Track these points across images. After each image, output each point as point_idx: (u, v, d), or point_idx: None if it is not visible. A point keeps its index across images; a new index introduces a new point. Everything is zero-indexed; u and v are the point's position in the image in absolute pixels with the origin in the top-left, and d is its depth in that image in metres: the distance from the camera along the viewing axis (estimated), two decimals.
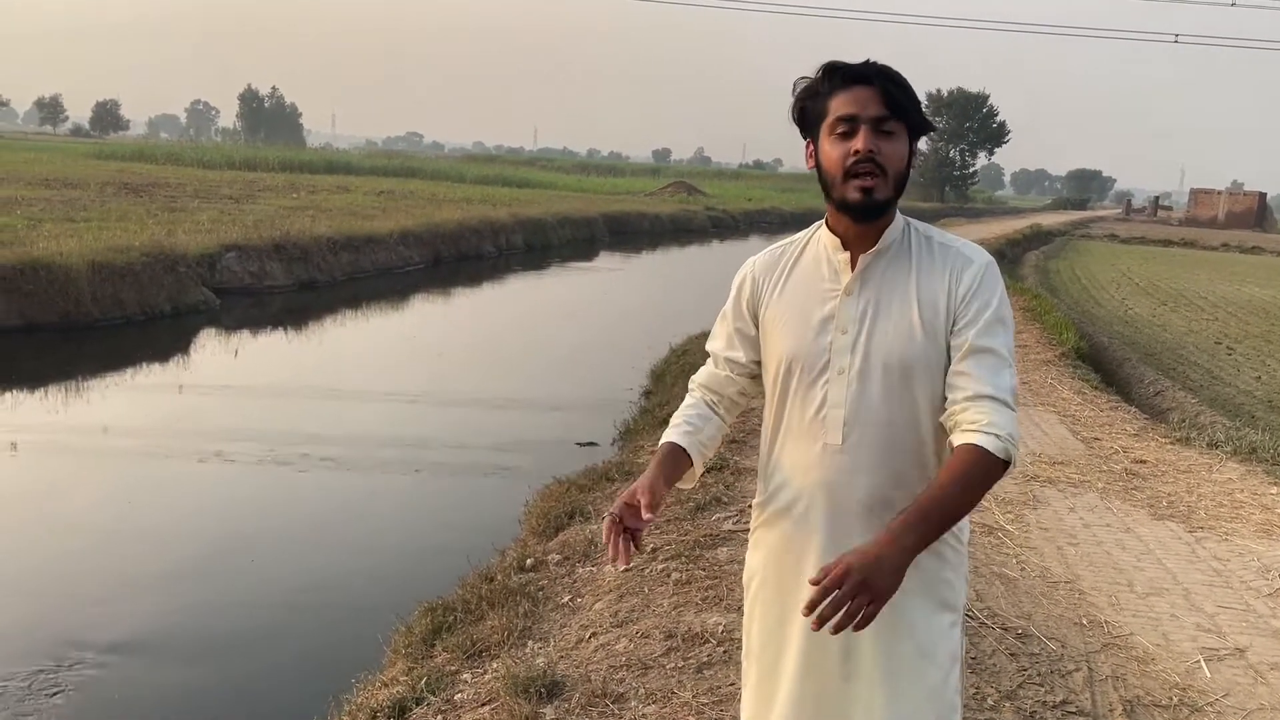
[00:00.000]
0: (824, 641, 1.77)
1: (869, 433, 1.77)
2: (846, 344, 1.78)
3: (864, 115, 1.70)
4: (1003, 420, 1.65)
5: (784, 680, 1.85)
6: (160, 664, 4.74)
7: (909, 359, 1.75)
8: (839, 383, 1.78)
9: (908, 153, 1.75)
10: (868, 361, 1.76)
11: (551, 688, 3.32)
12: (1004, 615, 3.94)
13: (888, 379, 1.76)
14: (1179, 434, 7.35)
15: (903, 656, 1.78)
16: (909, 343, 1.75)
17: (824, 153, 1.75)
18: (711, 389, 1.97)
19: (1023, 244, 34.85)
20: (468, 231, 23.69)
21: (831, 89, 1.73)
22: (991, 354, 1.71)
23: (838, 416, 1.78)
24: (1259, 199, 70.00)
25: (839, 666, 1.80)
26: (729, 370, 1.95)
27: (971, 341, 1.71)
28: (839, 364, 1.78)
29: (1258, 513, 5.53)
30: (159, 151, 49.07)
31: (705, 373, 1.99)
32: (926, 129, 1.77)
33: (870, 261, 1.79)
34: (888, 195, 1.72)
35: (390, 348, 13.54)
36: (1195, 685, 3.48)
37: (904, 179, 1.75)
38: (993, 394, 1.67)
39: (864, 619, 1.50)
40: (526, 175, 57.83)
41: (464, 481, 7.59)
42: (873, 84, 1.71)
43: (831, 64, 1.75)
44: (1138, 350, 13.45)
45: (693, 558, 4.47)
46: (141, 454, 7.87)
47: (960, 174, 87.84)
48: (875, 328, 1.77)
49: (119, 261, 12.89)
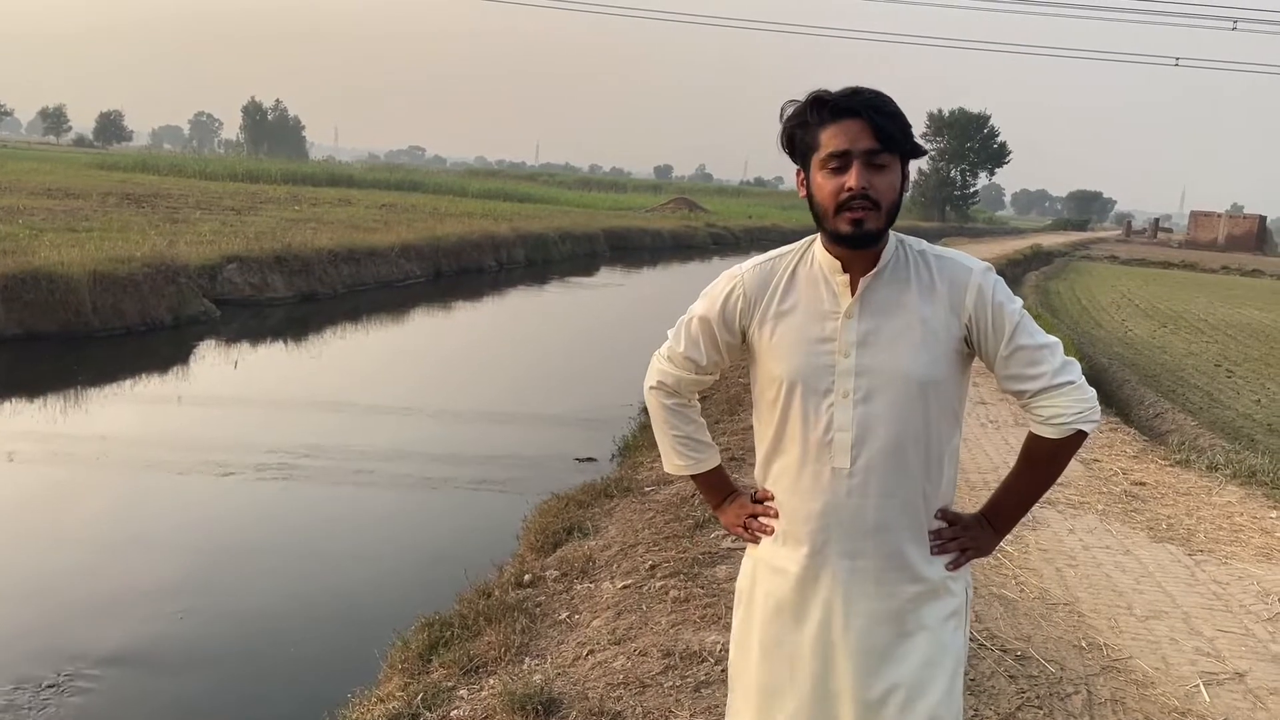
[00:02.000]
0: (833, 660, 1.81)
1: (877, 456, 1.78)
2: (850, 366, 1.78)
3: (855, 150, 1.71)
4: (1064, 403, 1.79)
5: (791, 701, 1.85)
6: (156, 677, 4.71)
7: (915, 378, 1.77)
8: (844, 406, 1.79)
9: (900, 181, 1.77)
10: (872, 384, 1.77)
11: (548, 705, 3.31)
12: (1003, 637, 3.93)
13: (894, 400, 1.77)
14: (1178, 456, 7.34)
15: (912, 666, 1.81)
16: (913, 362, 1.77)
17: (816, 185, 1.77)
18: (682, 392, 2.03)
19: (1023, 264, 34.92)
20: (469, 245, 23.72)
21: (820, 120, 1.74)
22: (1030, 349, 1.80)
23: (845, 440, 1.79)
24: (1259, 222, 70.08)
25: (848, 683, 1.81)
26: (692, 371, 1.98)
27: (1015, 345, 1.80)
28: (843, 387, 1.79)
29: (1257, 536, 5.52)
30: (162, 162, 49.16)
31: (674, 376, 2.00)
32: (918, 154, 1.79)
33: (870, 284, 1.80)
34: (879, 226, 1.74)
35: (390, 361, 13.54)
36: (1194, 710, 3.47)
37: (897, 207, 1.77)
38: (1050, 384, 1.79)
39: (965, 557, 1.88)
40: (528, 190, 57.95)
41: (462, 496, 7.57)
42: (861, 116, 1.71)
43: (819, 95, 1.75)
44: (1137, 372, 13.44)
45: (691, 575, 4.46)
46: (140, 464, 7.85)
47: (961, 194, 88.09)
48: (879, 349, 1.78)
49: (120, 272, 12.90)
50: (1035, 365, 1.79)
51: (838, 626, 1.82)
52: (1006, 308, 1.79)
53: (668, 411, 2.03)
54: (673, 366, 2.00)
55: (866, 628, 1.81)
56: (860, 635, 1.81)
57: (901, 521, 1.81)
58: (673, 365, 2.00)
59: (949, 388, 1.82)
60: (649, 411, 2.10)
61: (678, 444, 2.04)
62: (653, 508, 5.78)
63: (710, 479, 2.08)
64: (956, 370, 1.82)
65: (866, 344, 1.78)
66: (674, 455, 2.06)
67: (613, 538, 5.38)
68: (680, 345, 1.97)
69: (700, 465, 2.05)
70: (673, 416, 2.04)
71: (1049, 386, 1.79)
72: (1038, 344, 1.80)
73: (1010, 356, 1.80)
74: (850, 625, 1.81)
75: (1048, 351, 1.80)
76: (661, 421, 2.05)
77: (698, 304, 1.95)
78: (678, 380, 2.00)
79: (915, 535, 1.83)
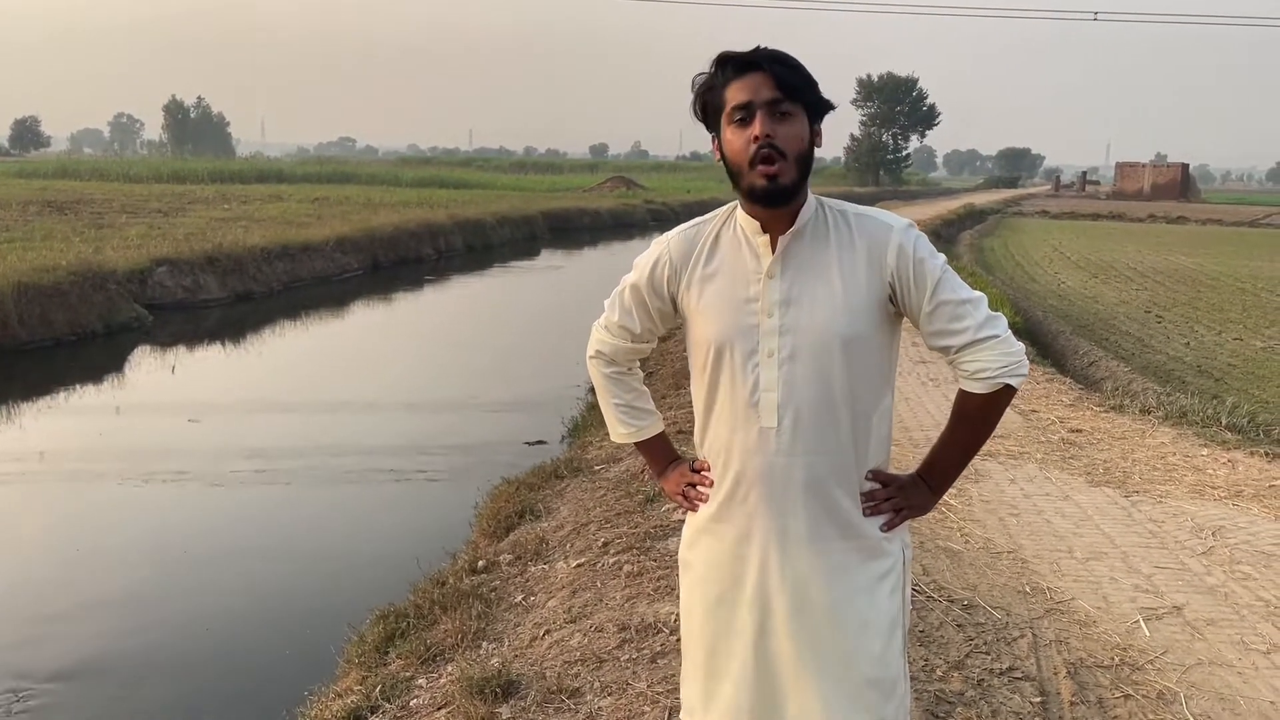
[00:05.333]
0: (770, 616, 1.84)
1: (803, 414, 1.80)
2: (774, 326, 1.80)
3: (758, 100, 1.73)
4: (988, 357, 1.79)
5: (733, 659, 1.88)
6: (108, 689, 4.63)
7: (837, 336, 1.78)
8: (769, 365, 1.80)
9: (808, 133, 1.78)
10: (796, 343, 1.79)
11: (507, 687, 3.32)
12: (950, 588, 4.02)
13: (818, 359, 1.79)
14: (1112, 402, 7.55)
15: (847, 626, 1.83)
16: (835, 320, 1.78)
17: (726, 142, 1.78)
18: (620, 360, 2.08)
19: (957, 224, 35.43)
20: (405, 235, 23.43)
21: (726, 79, 1.77)
22: (952, 304, 1.80)
23: (771, 400, 1.81)
24: (1182, 170, 71.83)
25: (786, 641, 1.84)
26: (627, 340, 2.03)
27: (938, 300, 1.79)
28: (768, 346, 1.80)
29: (1190, 474, 5.70)
30: (83, 167, 47.70)
31: (611, 345, 2.05)
32: (825, 108, 1.80)
33: (790, 243, 1.81)
34: (792, 178, 1.75)
35: (332, 357, 13.36)
36: (1135, 645, 3.59)
37: (807, 159, 1.78)
38: (973, 339, 1.80)
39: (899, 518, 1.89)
40: (463, 176, 57.26)
41: (413, 487, 7.53)
42: (763, 69, 1.73)
43: (723, 54, 1.79)
44: (1071, 323, 13.76)
45: (644, 549, 4.50)
46: (81, 477, 7.68)
47: (894, 157, 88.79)
48: (801, 309, 1.79)
49: (46, 282, 12.55)
50: (958, 320, 1.79)
51: (773, 585, 1.84)
52: (928, 263, 1.79)
53: (607, 380, 2.08)
54: (609, 335, 2.04)
55: (800, 587, 1.83)
56: (794, 594, 1.83)
57: (831, 480, 1.82)
58: (609, 334, 2.04)
59: (874, 346, 1.82)
60: (592, 381, 2.13)
61: (619, 412, 2.09)
62: (603, 486, 5.80)
63: (653, 447, 2.11)
64: (882, 328, 1.83)
65: (789, 303, 1.80)
66: (616, 424, 2.10)
67: (565, 518, 5.39)
68: (615, 314, 2.01)
69: (642, 433, 2.09)
70: (612, 384, 2.08)
71: (973, 341, 1.79)
72: (960, 299, 1.79)
73: (933, 313, 1.80)
74: (784, 584, 1.83)
75: (970, 306, 1.80)
76: (602, 390, 2.10)
77: (630, 273, 1.99)
78: (615, 349, 2.04)
79: (847, 494, 1.84)
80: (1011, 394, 1.83)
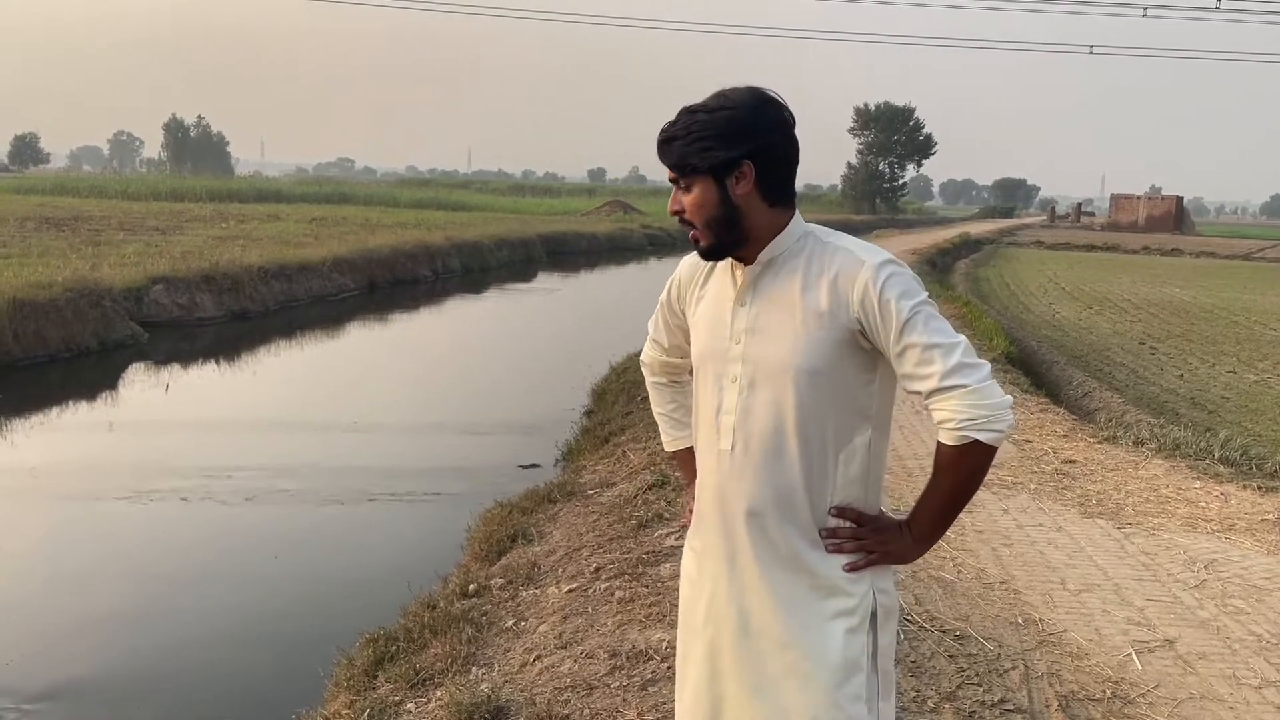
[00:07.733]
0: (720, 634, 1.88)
1: (753, 442, 1.82)
2: (739, 353, 1.84)
3: (670, 178, 1.84)
4: (954, 407, 1.68)
5: (692, 664, 1.94)
6: (92, 710, 4.59)
7: (793, 368, 1.77)
8: (732, 390, 1.84)
9: (715, 194, 1.77)
10: (755, 371, 1.82)
11: (496, 713, 3.30)
12: (942, 618, 4.01)
13: (774, 389, 1.79)
14: (1106, 433, 7.56)
15: (789, 659, 1.81)
16: (791, 353, 1.77)
17: None
18: (658, 371, 2.20)
19: (953, 252, 35.57)
20: (403, 256, 23.47)
21: None
22: (918, 348, 1.70)
23: (729, 423, 1.84)
24: (1176, 203, 72.25)
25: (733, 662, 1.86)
26: (661, 353, 2.16)
27: (905, 343, 1.71)
28: (732, 372, 1.84)
29: (1183, 507, 5.70)
30: (81, 184, 47.84)
31: (650, 356, 2.20)
32: (732, 165, 1.75)
33: (758, 274, 1.84)
34: (709, 241, 1.83)
35: (327, 377, 13.35)
36: (1127, 678, 3.57)
37: (722, 220, 1.78)
38: (937, 386, 1.69)
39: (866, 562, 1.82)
40: (461, 198, 57.52)
41: (405, 509, 7.50)
42: (666, 146, 1.81)
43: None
44: (1065, 353, 13.79)
45: (636, 575, 4.48)
46: (73, 495, 7.64)
47: (890, 186, 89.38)
48: (763, 338, 1.81)
49: (41, 298, 12.54)
50: (925, 365, 1.70)
51: (721, 607, 1.87)
52: (895, 304, 1.70)
53: (651, 388, 2.23)
54: (649, 347, 2.19)
55: (743, 614, 1.84)
56: (738, 619, 1.85)
57: (776, 511, 1.80)
58: (649, 346, 2.19)
59: (841, 380, 1.77)
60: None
61: (659, 420, 2.23)
62: (596, 510, 5.79)
63: (684, 459, 2.18)
64: (851, 363, 1.77)
65: (753, 331, 1.82)
66: (661, 431, 2.24)
67: (557, 542, 5.37)
68: (651, 328, 2.16)
69: (675, 443, 2.20)
70: (654, 393, 2.23)
71: (938, 389, 1.69)
72: (928, 343, 1.69)
73: (901, 355, 1.72)
74: (730, 608, 1.86)
75: (939, 351, 1.69)
76: (650, 397, 2.25)
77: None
78: (653, 360, 2.19)
79: (795, 527, 1.80)
80: (986, 451, 1.71)
